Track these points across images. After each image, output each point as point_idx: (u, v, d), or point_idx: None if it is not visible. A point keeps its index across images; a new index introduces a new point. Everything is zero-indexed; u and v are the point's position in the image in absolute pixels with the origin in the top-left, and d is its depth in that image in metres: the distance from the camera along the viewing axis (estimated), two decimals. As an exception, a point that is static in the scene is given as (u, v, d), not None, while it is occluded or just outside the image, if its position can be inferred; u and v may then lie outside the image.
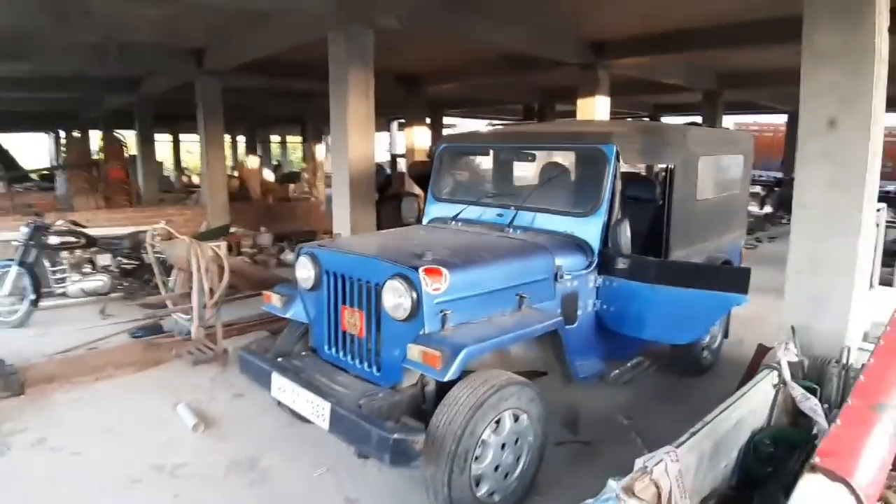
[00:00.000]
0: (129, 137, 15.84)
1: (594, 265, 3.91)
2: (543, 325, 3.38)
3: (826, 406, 3.18)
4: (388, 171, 23.23)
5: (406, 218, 5.01)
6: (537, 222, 4.11)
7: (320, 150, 15.20)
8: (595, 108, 10.00)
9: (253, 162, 15.01)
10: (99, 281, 6.64)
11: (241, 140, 27.37)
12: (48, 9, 6.91)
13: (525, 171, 4.72)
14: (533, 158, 4.49)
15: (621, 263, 3.85)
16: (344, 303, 3.50)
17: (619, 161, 3.89)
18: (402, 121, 17.54)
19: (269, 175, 17.41)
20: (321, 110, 16.96)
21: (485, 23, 7.78)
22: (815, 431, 3.10)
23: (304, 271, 3.70)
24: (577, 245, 3.92)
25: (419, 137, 14.63)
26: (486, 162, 4.91)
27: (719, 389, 5.14)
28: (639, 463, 2.39)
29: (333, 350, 3.61)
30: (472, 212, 4.47)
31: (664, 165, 4.40)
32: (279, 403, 3.75)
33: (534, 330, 3.33)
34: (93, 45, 9.04)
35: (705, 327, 3.73)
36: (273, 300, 3.90)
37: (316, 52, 6.80)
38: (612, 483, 2.24)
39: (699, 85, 13.03)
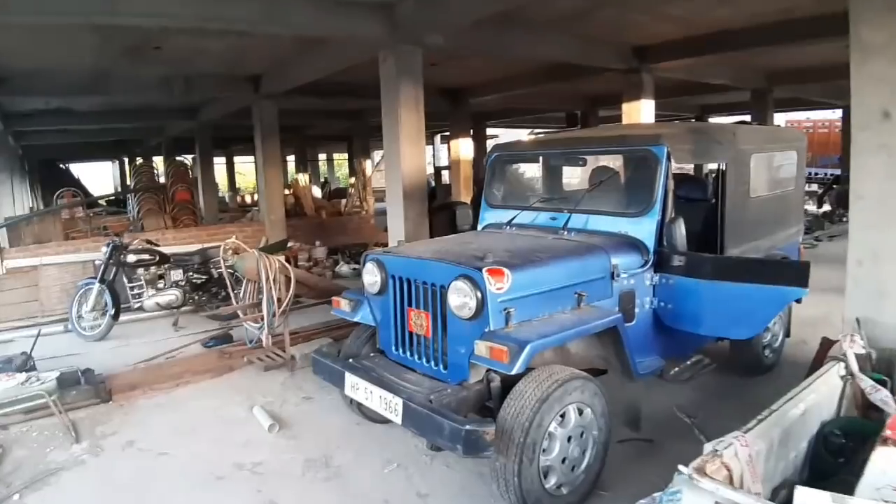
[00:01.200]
0: (188, 161, 16.63)
1: (650, 263, 3.96)
2: (603, 322, 3.45)
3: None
4: (433, 183, 23.68)
5: (461, 226, 5.16)
6: (591, 224, 4.19)
7: (368, 166, 15.55)
8: (641, 112, 9.97)
9: (304, 179, 15.48)
10: (172, 295, 7.02)
11: (291, 159, 28.17)
12: (125, 47, 7.38)
13: (576, 176, 4.80)
14: (584, 163, 4.57)
15: (677, 261, 3.89)
16: (410, 305, 3.65)
17: (670, 161, 3.94)
18: (447, 133, 17.80)
19: (317, 192, 17.90)
20: (368, 127, 17.69)
21: (527, 37, 7.91)
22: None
23: (371, 277, 3.88)
24: (632, 244, 3.98)
25: (463, 149, 14.81)
26: (536, 168, 5.02)
27: (782, 388, 5.10)
28: (708, 447, 2.44)
29: (401, 350, 3.76)
30: (525, 216, 4.58)
31: (716, 165, 4.43)
32: (350, 403, 3.93)
33: (594, 326, 3.41)
34: (160, 77, 9.59)
35: (764, 322, 3.73)
36: (342, 305, 4.09)
37: (365, 72, 7.08)
38: (682, 467, 2.30)
39: (747, 84, 12.83)
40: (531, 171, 5.10)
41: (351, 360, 3.87)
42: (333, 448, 4.07)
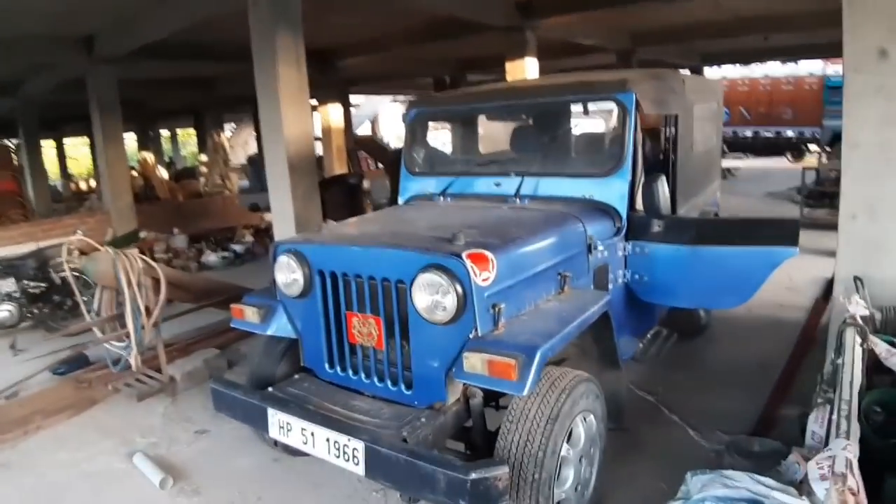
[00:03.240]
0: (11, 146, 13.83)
1: (622, 231, 3.35)
2: (599, 308, 2.77)
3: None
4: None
5: (377, 199, 4.25)
6: (544, 189, 3.49)
7: (226, 140, 13.77)
8: (525, 72, 9.48)
9: (152, 158, 13.39)
10: (4, 311, 5.38)
11: (131, 137, 24.89)
12: None
13: (523, 133, 4.04)
14: (531, 117, 3.85)
15: (656, 226, 3.31)
16: (350, 309, 2.73)
17: (639, 110, 3.33)
18: (313, 101, 16.35)
19: (162, 173, 15.72)
20: (223, 97, 15.68)
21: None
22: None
23: (288, 274, 2.88)
24: (601, 210, 3.34)
25: (334, 117, 13.58)
26: (471, 126, 4.21)
27: (725, 351, 4.88)
28: (815, 470, 1.84)
29: (339, 368, 2.84)
30: (460, 184, 3.79)
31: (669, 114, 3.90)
32: (275, 443, 2.95)
33: (591, 314, 2.71)
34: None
35: (756, 287, 3.30)
36: (247, 315, 3.05)
37: (224, 28, 5.77)
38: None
39: (614, 45, 12.85)
40: (464, 129, 4.28)
41: (271, 389, 2.87)
42: (249, 498, 3.08)
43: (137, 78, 10.24)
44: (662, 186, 3.25)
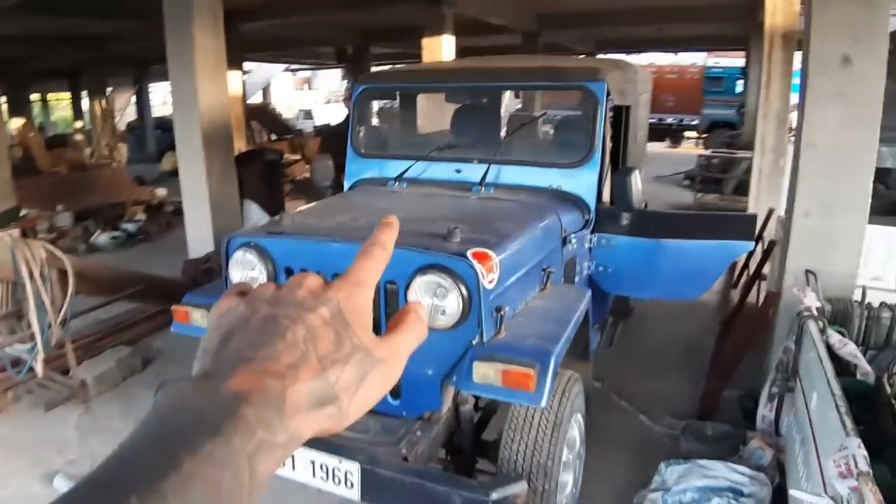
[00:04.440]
0: None
1: (591, 223, 3.28)
2: (585, 305, 2.68)
3: (861, 349, 2.98)
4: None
5: (320, 182, 3.88)
6: (508, 177, 3.33)
7: (115, 105, 12.30)
8: (442, 48, 9.23)
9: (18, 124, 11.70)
10: None
11: (1, 101, 21.75)
12: None
13: (485, 117, 3.83)
14: (494, 100, 3.65)
15: (624, 219, 3.27)
16: (326, 310, 2.44)
17: (610, 101, 3.25)
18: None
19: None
20: (109, 59, 14.00)
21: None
22: (858, 377, 2.89)
23: (246, 272, 2.53)
24: (570, 202, 3.24)
25: (234, 85, 12.55)
26: (428, 106, 3.94)
27: (652, 334, 5.05)
28: (832, 468, 1.84)
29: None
30: (415, 169, 3.54)
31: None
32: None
33: (581, 313, 2.62)
34: None
35: (714, 279, 3.37)
36: (193, 318, 2.65)
37: None
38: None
39: (522, 27, 12.88)
40: (420, 108, 3.99)
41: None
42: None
43: (14, 34, 8.84)
44: (636, 180, 3.20)
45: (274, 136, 16.06)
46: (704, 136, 18.52)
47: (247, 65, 21.96)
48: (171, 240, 7.98)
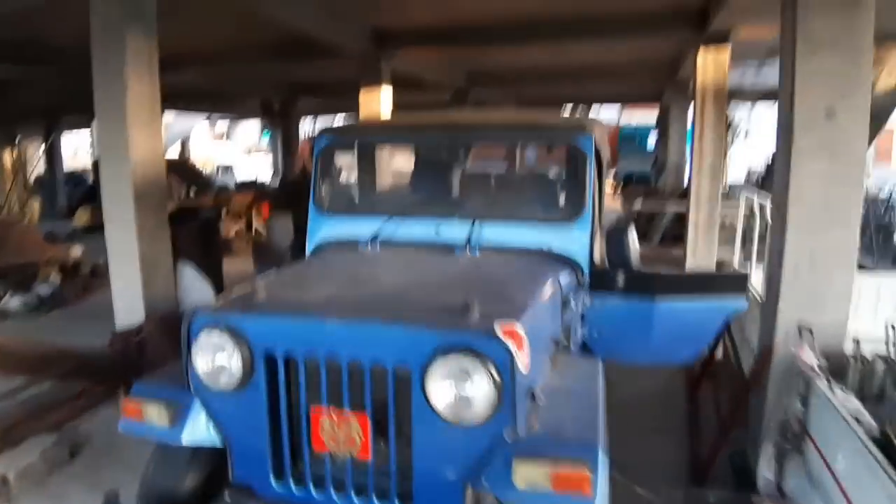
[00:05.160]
0: None
1: (584, 285, 3.02)
2: (602, 376, 2.38)
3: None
4: (91, 179, 18.67)
5: (279, 243, 3.44)
6: (492, 236, 3.02)
7: (30, 157, 11.08)
8: (380, 101, 9.06)
9: None
10: None
11: None
12: None
13: (462, 172, 3.52)
14: (465, 155, 3.37)
15: (620, 280, 3.03)
16: (316, 403, 2.00)
17: (599, 157, 3.06)
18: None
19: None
20: (18, 106, 12.78)
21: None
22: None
23: (214, 358, 2.05)
24: (561, 262, 2.97)
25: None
26: (400, 160, 3.60)
27: (622, 389, 4.79)
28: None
29: (293, 483, 2.07)
30: (387, 228, 3.16)
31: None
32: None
33: (602, 386, 2.31)
34: None
35: (708, 339, 3.18)
36: (148, 415, 2.12)
37: (29, 25, 4.49)
38: None
39: (453, 83, 12.98)
40: (390, 164, 3.65)
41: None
42: None
43: None
44: (633, 238, 2.98)
45: (192, 192, 15.18)
46: (619, 187, 19.27)
47: (165, 116, 21.02)
48: (90, 305, 7.13)
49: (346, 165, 3.53)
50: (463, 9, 7.35)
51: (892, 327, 2.97)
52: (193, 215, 5.59)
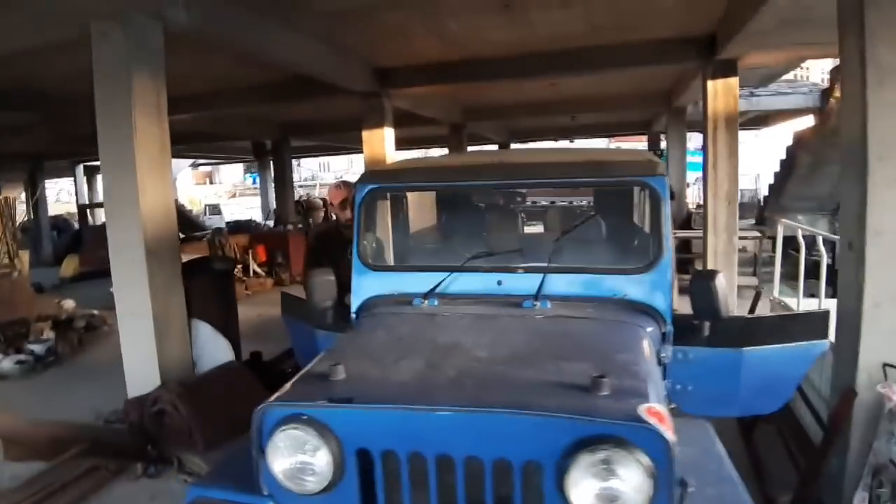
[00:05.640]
0: None
1: (669, 336, 2.73)
2: (716, 440, 2.10)
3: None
4: (77, 226, 17.98)
5: (321, 302, 3.10)
6: (558, 287, 2.74)
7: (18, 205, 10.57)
8: (384, 140, 8.87)
9: None
10: None
11: None
12: None
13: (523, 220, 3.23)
14: (522, 200, 3.09)
15: (706, 329, 2.75)
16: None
17: (673, 199, 2.80)
18: (94, 162, 13.71)
19: None
20: (9, 153, 12.31)
21: (284, 34, 5.98)
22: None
23: (296, 458, 1.70)
24: (644, 312, 2.68)
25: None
26: (452, 208, 3.30)
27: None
28: None
29: None
30: (445, 283, 2.86)
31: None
32: None
33: (720, 450, 2.03)
34: None
35: (794, 386, 2.91)
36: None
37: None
38: None
39: (449, 118, 12.86)
40: (443, 212, 3.34)
41: None
42: None
43: None
44: (721, 283, 2.71)
45: (182, 236, 14.72)
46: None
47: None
48: (87, 362, 6.66)
49: (401, 214, 3.23)
50: (467, 44, 7.20)
51: None
52: (206, 266, 5.20)
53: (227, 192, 35.14)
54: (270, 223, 17.05)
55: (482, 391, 1.75)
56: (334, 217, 4.53)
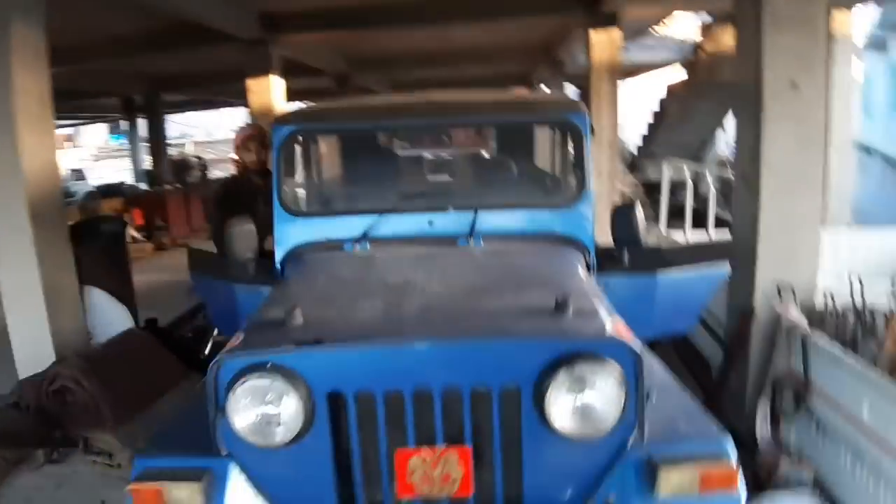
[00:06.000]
0: None
1: (592, 266, 2.86)
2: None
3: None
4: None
5: (242, 252, 2.91)
6: (488, 224, 2.77)
7: None
8: (271, 90, 8.35)
9: None
10: None
11: None
12: None
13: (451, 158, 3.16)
14: (449, 139, 3.04)
15: (625, 258, 2.90)
16: (402, 444, 1.64)
17: (593, 135, 2.89)
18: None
19: None
20: None
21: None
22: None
23: (263, 410, 1.61)
24: (571, 245, 2.79)
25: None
26: (376, 149, 3.16)
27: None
28: None
29: (373, 538, 1.70)
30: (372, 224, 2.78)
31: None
32: None
33: (664, 368, 2.20)
34: None
35: (702, 307, 3.17)
36: (176, 499, 1.61)
37: None
38: None
39: (334, 69, 12.36)
40: (367, 153, 3.18)
41: None
42: None
43: None
44: (640, 214, 2.85)
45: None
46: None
47: None
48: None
49: (312, 159, 3.05)
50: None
51: (859, 280, 3.12)
52: (96, 229, 4.68)
53: (92, 156, 31.77)
54: (144, 185, 15.69)
55: (453, 322, 1.74)
56: (238, 168, 4.22)
